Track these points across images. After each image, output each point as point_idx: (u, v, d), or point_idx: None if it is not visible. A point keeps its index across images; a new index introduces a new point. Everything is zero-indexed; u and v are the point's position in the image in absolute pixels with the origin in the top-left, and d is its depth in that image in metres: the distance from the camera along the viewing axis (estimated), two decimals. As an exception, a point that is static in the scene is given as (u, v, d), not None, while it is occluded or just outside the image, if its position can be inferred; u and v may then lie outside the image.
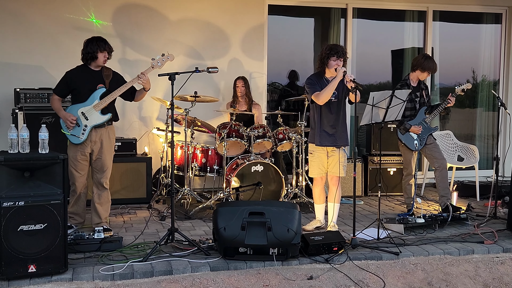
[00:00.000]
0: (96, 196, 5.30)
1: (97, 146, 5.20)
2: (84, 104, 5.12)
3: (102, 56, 5.17)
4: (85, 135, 5.11)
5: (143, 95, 5.40)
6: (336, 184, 5.33)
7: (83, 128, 5.11)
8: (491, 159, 8.56)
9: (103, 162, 5.24)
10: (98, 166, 5.25)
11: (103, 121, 5.18)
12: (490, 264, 4.67)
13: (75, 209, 5.32)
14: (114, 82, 5.26)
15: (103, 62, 5.20)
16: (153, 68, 5.19)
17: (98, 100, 5.13)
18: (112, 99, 5.18)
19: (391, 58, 8.57)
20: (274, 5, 7.68)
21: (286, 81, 8.39)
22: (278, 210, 4.53)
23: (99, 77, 5.21)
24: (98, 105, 5.12)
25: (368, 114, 5.29)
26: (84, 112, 5.11)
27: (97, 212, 5.30)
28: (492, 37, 8.65)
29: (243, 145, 6.34)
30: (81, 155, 5.17)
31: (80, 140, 5.11)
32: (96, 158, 5.23)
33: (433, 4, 8.19)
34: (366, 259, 4.65)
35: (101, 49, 5.15)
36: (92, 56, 5.15)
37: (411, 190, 6.18)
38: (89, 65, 5.21)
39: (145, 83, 5.20)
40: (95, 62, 5.18)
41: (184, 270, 4.28)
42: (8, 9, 6.63)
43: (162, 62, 5.18)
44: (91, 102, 5.13)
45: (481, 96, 8.71)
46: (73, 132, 5.09)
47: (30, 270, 3.98)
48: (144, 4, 7.11)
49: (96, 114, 5.14)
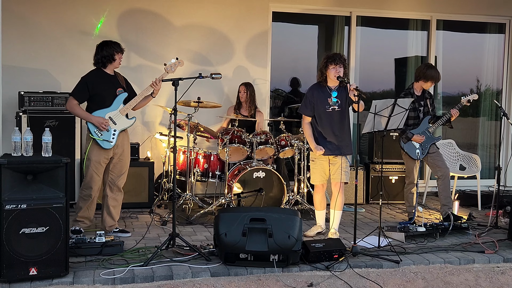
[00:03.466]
0: (111, 199, 5.30)
1: (119, 150, 5.24)
2: (111, 109, 5.16)
3: (118, 58, 5.22)
4: (115, 139, 5.15)
5: (146, 102, 5.40)
6: (339, 190, 5.34)
7: (112, 132, 5.14)
8: (493, 169, 8.54)
9: (123, 166, 5.30)
10: (118, 169, 5.28)
11: (130, 125, 5.27)
12: (491, 274, 4.66)
13: (87, 214, 5.32)
14: (128, 87, 5.34)
15: (119, 63, 5.25)
16: (168, 73, 5.23)
17: (123, 105, 5.18)
18: (136, 103, 5.23)
19: (394, 67, 8.59)
20: (279, 12, 7.71)
21: (289, 88, 8.41)
22: (279, 216, 4.54)
23: (116, 81, 5.25)
24: (123, 109, 5.18)
25: (370, 122, 5.30)
26: (112, 117, 5.14)
27: (111, 215, 5.31)
28: (496, 47, 8.66)
29: (245, 151, 6.35)
30: (104, 159, 5.19)
31: (111, 144, 5.14)
32: (118, 162, 5.27)
33: (437, 13, 8.21)
34: (366, 267, 4.65)
35: (117, 51, 5.20)
36: (110, 58, 5.17)
37: (412, 199, 6.18)
38: (105, 68, 5.21)
39: (156, 90, 5.23)
40: (112, 64, 5.20)
41: (185, 275, 4.29)
42: (15, 13, 6.67)
43: (174, 67, 5.24)
44: (116, 107, 5.17)
45: (484, 105, 8.71)
46: (105, 137, 5.11)
47: (31, 273, 4.00)
48: (149, 9, 7.15)
49: (123, 118, 5.20)
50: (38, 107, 6.20)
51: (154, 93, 5.29)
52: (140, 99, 5.26)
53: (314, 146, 5.37)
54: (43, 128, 4.27)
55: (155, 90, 5.24)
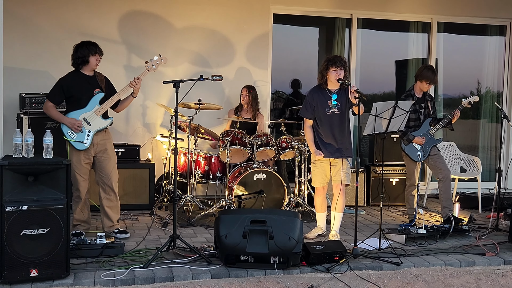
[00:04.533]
0: (105, 200, 5.29)
1: (100, 148, 5.21)
2: (85, 110, 5.14)
3: (94, 60, 5.17)
4: (89, 140, 5.13)
5: (128, 103, 5.39)
6: (341, 192, 5.33)
7: (86, 133, 5.12)
8: (493, 171, 8.55)
9: (109, 163, 5.26)
10: (105, 169, 5.25)
11: (106, 126, 5.23)
12: (491, 276, 4.66)
13: (81, 217, 5.31)
14: (107, 87, 5.30)
15: (96, 65, 5.20)
16: (148, 71, 5.22)
17: (99, 105, 5.15)
18: (112, 104, 5.20)
19: (395, 69, 8.60)
20: (279, 14, 7.73)
21: (290, 90, 8.42)
22: (280, 218, 4.54)
23: (95, 82, 5.22)
24: (99, 110, 5.15)
25: (371, 124, 5.31)
26: (86, 118, 5.13)
27: (108, 216, 5.30)
28: (496, 49, 8.67)
29: (246, 153, 6.36)
30: (85, 159, 5.17)
31: (85, 146, 5.12)
32: (102, 160, 5.24)
33: (438, 16, 8.22)
34: (367, 269, 4.65)
35: (92, 53, 5.15)
36: (84, 60, 5.14)
37: (413, 201, 6.18)
38: (82, 70, 5.20)
39: (136, 89, 5.21)
40: (88, 66, 5.18)
41: (185, 277, 4.29)
42: (16, 15, 6.68)
43: (156, 64, 5.21)
44: (91, 108, 5.15)
45: (485, 107, 8.72)
46: (78, 139, 5.10)
47: (32, 274, 4.00)
48: (150, 11, 7.17)
49: (98, 119, 5.17)
50: (39, 108, 6.19)
51: (135, 92, 5.27)
52: (117, 99, 5.21)
53: (313, 150, 5.38)
54: (44, 130, 4.27)
55: (135, 89, 5.22)
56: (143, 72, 5.22)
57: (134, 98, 5.36)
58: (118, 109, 5.43)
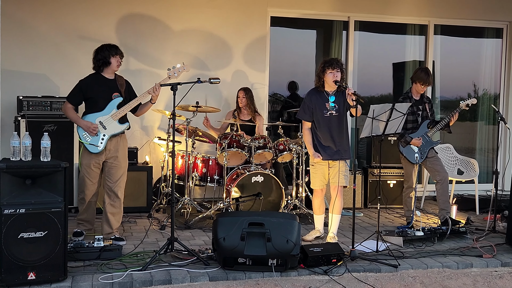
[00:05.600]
0: (109, 206, 5.23)
1: (112, 155, 5.17)
2: (102, 113, 5.10)
3: (115, 61, 5.15)
4: (103, 144, 5.09)
5: (147, 108, 5.34)
6: (338, 194, 5.34)
7: (101, 137, 5.08)
8: (491, 173, 8.57)
9: (118, 171, 5.21)
10: (113, 175, 5.20)
11: (121, 130, 5.19)
12: (489, 278, 4.67)
13: (85, 217, 5.29)
14: (127, 91, 5.26)
15: (117, 66, 5.18)
16: (170, 79, 5.15)
17: (116, 110, 5.11)
18: (130, 109, 5.16)
19: (392, 71, 8.62)
20: (277, 17, 7.74)
21: (287, 93, 8.43)
22: (278, 221, 4.55)
23: (114, 85, 5.18)
24: (116, 114, 5.10)
25: (368, 126, 5.32)
26: (102, 121, 5.09)
27: (109, 222, 5.24)
28: (493, 52, 8.69)
29: (243, 155, 6.36)
30: (95, 163, 5.14)
31: (99, 149, 5.08)
32: (111, 167, 5.19)
33: (435, 18, 8.24)
34: (364, 271, 4.65)
35: (113, 54, 5.14)
36: (105, 62, 5.12)
37: (411, 203, 6.19)
38: (102, 72, 5.17)
39: (155, 96, 5.16)
40: (109, 68, 5.15)
41: (183, 279, 4.30)
42: (14, 18, 6.68)
43: (178, 72, 5.17)
44: (108, 112, 5.11)
45: (482, 109, 8.74)
46: (92, 142, 5.06)
47: (30, 277, 4.00)
48: (148, 14, 7.17)
49: (114, 123, 5.13)
50: (37, 111, 6.20)
51: (153, 99, 5.21)
52: (135, 105, 5.19)
53: (312, 152, 5.38)
54: (42, 133, 4.28)
55: (153, 96, 5.17)
56: (163, 79, 5.15)
57: (153, 104, 5.29)
58: (137, 114, 5.41)
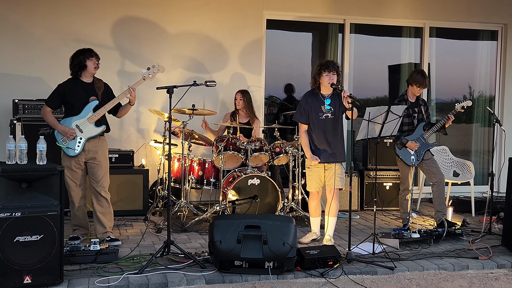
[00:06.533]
0: (97, 206, 5.28)
1: (91, 155, 5.21)
2: (78, 117, 5.15)
3: (92, 63, 5.18)
4: (80, 147, 5.14)
5: (127, 110, 5.41)
6: (334, 196, 5.35)
7: (78, 140, 5.13)
8: (486, 175, 8.59)
9: (98, 170, 5.25)
10: (94, 175, 5.25)
11: (97, 133, 5.22)
12: (485, 280, 4.68)
13: (78, 222, 5.32)
14: (105, 94, 5.29)
15: (94, 69, 5.21)
16: (144, 80, 5.23)
17: (92, 113, 5.16)
18: (105, 112, 5.21)
19: (388, 73, 8.63)
20: (273, 19, 7.75)
21: (283, 95, 8.44)
22: (274, 223, 4.55)
23: (91, 89, 5.22)
24: (92, 117, 5.15)
25: (364, 129, 5.33)
26: (79, 125, 5.14)
27: (101, 222, 5.27)
28: (488, 54, 8.73)
29: (240, 158, 6.36)
30: (75, 163, 5.18)
31: (76, 152, 5.13)
32: (92, 167, 5.24)
33: (430, 21, 8.27)
34: (361, 273, 4.66)
35: (88, 57, 5.17)
36: (81, 66, 5.16)
37: (407, 205, 6.20)
38: (80, 76, 5.21)
39: (132, 98, 5.22)
40: (86, 71, 5.19)
41: (180, 282, 4.29)
42: (9, 21, 6.68)
43: (153, 73, 5.23)
44: (85, 115, 5.15)
45: (477, 112, 8.76)
46: (69, 145, 5.12)
47: (26, 281, 3.98)
48: (144, 17, 7.17)
49: (91, 126, 5.17)
50: (33, 115, 6.19)
51: (131, 101, 5.28)
52: (110, 107, 5.22)
53: (309, 155, 5.38)
54: (38, 136, 4.28)
55: (130, 98, 5.23)
56: (138, 81, 5.23)
57: (132, 106, 5.36)
58: (118, 116, 5.46)
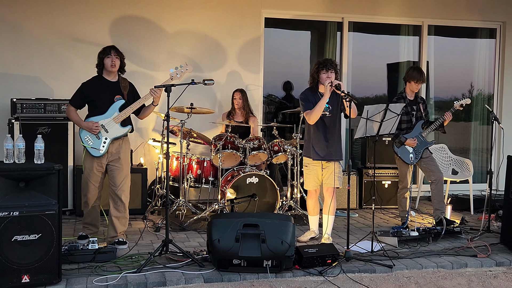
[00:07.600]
0: (113, 209, 5.18)
1: (114, 157, 5.12)
2: (104, 116, 5.04)
3: (109, 61, 5.06)
4: (105, 147, 5.04)
5: (150, 111, 5.27)
6: (331, 195, 5.34)
7: (103, 140, 5.04)
8: (485, 173, 8.59)
9: (119, 174, 5.14)
10: (115, 178, 5.14)
11: (123, 133, 5.12)
12: (483, 278, 4.69)
13: (89, 220, 5.27)
14: (131, 94, 5.20)
15: (111, 66, 5.07)
16: (172, 80, 5.08)
17: (118, 112, 5.05)
18: (132, 111, 5.10)
19: (386, 72, 8.64)
20: (271, 18, 7.74)
21: (282, 93, 8.44)
22: (273, 222, 4.55)
23: (117, 88, 5.13)
24: (118, 117, 5.04)
25: (362, 127, 5.32)
26: (104, 125, 5.03)
27: (114, 225, 5.19)
28: (487, 52, 8.72)
29: (238, 157, 6.36)
30: (97, 166, 5.10)
31: (101, 153, 5.03)
32: (113, 170, 5.14)
33: (428, 19, 8.27)
34: (359, 271, 4.66)
35: (106, 55, 5.08)
36: (100, 64, 5.09)
37: (406, 203, 6.21)
38: (104, 74, 5.13)
39: (156, 98, 5.09)
40: (106, 69, 5.10)
41: (178, 281, 4.29)
42: (6, 20, 6.67)
43: (180, 73, 5.12)
44: (110, 114, 5.05)
45: (476, 110, 8.76)
46: (94, 145, 5.01)
47: (24, 280, 3.98)
48: (142, 16, 7.16)
49: (116, 126, 5.07)
50: (31, 114, 6.18)
51: (155, 101, 5.15)
52: (137, 107, 5.12)
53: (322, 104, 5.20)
54: (36, 135, 4.26)
55: (154, 98, 5.10)
56: (166, 81, 5.07)
57: (155, 106, 5.22)
58: (140, 117, 5.34)
